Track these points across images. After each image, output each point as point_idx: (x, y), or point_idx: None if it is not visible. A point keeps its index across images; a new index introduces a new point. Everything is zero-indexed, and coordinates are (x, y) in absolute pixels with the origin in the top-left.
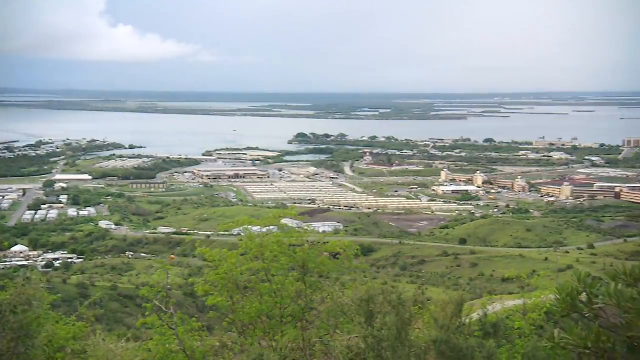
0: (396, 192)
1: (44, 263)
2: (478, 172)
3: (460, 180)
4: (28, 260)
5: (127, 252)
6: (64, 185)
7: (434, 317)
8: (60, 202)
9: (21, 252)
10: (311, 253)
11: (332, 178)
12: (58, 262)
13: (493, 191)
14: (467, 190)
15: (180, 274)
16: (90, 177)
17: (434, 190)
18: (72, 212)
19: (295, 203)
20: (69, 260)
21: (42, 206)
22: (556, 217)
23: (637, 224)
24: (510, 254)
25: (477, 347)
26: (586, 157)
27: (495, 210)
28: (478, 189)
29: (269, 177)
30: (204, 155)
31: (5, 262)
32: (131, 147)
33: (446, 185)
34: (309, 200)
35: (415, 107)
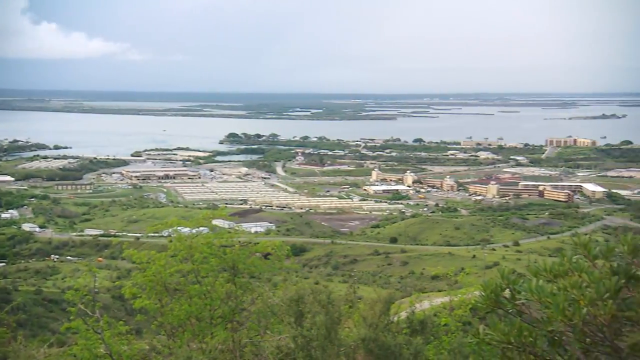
0: (328, 191)
1: None
2: (408, 171)
3: (391, 180)
4: None
5: (53, 255)
6: None
7: (362, 316)
8: None
9: None
10: (241, 254)
11: (264, 178)
12: None
13: (423, 190)
14: (397, 190)
15: (109, 276)
16: (13, 179)
17: (365, 189)
18: None
19: (227, 204)
20: None
21: None
22: (483, 215)
23: (559, 221)
24: (440, 252)
25: (405, 344)
26: (511, 157)
27: (425, 209)
28: (408, 188)
29: (200, 177)
30: (132, 155)
31: None
32: (56, 147)
33: (377, 185)
34: (241, 200)
35: (346, 108)
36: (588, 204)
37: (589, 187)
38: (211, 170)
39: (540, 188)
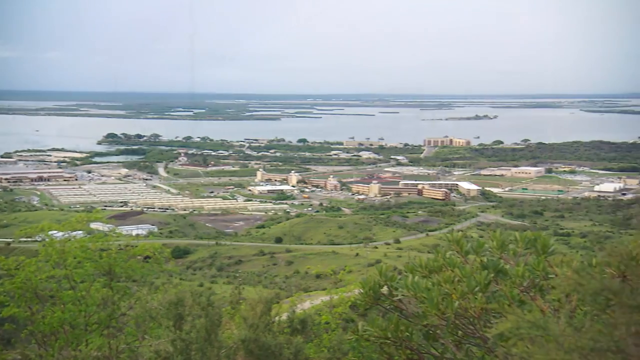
0: (212, 192)
1: None
2: (292, 171)
3: (276, 180)
4: None
5: None
6: None
7: (243, 317)
8: None
9: None
10: (118, 257)
11: (146, 179)
12: None
13: (307, 190)
14: (282, 190)
15: None
16: None
17: (250, 190)
18: None
19: (106, 206)
20: None
21: None
22: (366, 214)
23: (437, 218)
24: (324, 250)
25: (285, 343)
26: (392, 156)
27: (310, 208)
28: (293, 188)
29: (77, 179)
30: (2, 157)
31: None
32: None
33: (262, 185)
34: (121, 202)
35: (230, 108)
36: (464, 201)
37: (464, 185)
38: (89, 172)
39: (419, 187)
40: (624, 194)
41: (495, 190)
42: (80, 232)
